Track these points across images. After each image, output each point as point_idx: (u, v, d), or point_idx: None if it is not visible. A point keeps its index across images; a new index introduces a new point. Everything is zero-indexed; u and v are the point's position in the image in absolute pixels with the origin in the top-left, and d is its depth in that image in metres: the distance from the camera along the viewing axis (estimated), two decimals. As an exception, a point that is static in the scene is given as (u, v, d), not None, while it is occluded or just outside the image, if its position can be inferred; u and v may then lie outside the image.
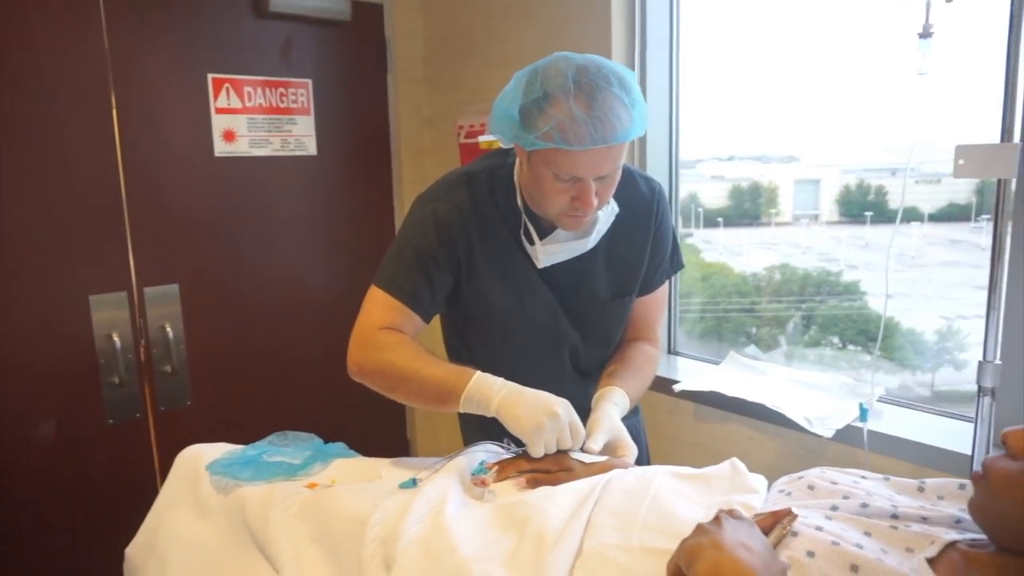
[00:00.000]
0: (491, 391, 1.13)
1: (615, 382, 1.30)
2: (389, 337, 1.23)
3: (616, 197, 1.23)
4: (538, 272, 1.28)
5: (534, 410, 1.09)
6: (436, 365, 1.19)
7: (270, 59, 2.19)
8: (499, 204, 1.26)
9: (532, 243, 1.24)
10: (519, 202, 1.25)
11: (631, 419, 1.50)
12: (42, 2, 1.80)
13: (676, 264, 1.42)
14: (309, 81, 2.26)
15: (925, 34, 1.19)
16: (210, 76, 2.07)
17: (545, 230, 1.25)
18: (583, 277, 1.30)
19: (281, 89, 2.21)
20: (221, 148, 2.11)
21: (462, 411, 1.16)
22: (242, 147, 2.15)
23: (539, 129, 1.06)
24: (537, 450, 1.10)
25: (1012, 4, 1.14)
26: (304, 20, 2.22)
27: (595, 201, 1.13)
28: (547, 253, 1.23)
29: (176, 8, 2.01)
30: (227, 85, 2.10)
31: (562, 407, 1.11)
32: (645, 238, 1.33)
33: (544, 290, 1.29)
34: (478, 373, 1.16)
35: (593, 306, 1.33)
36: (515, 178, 1.26)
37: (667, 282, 1.43)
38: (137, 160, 1.97)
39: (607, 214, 1.24)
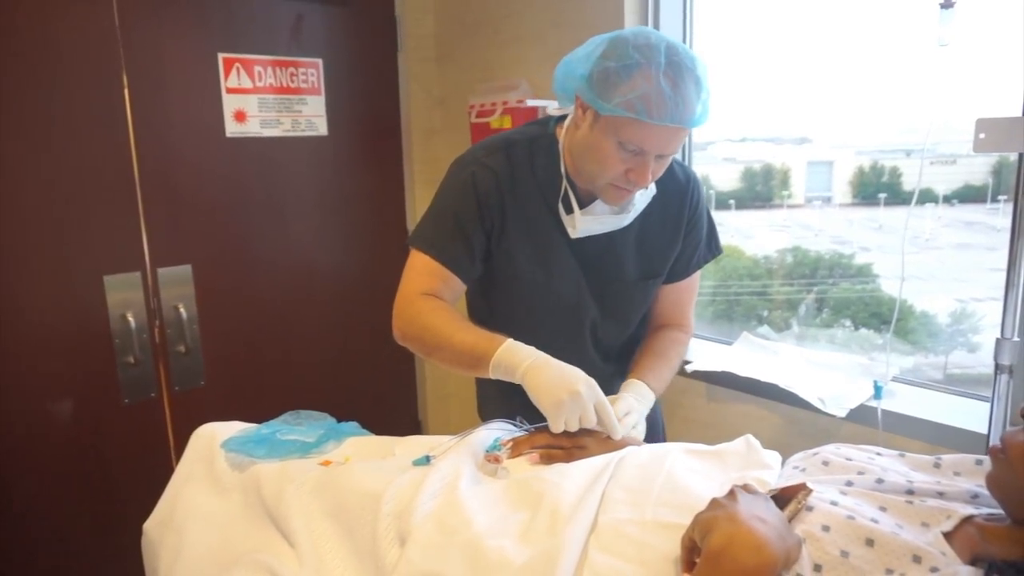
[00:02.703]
0: (519, 358, 1.13)
1: (638, 375, 1.30)
2: (426, 303, 1.25)
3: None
4: (569, 245, 1.28)
5: (556, 385, 1.08)
6: (468, 331, 1.20)
7: (280, 38, 2.18)
8: (536, 172, 1.27)
9: (570, 212, 1.24)
10: (562, 169, 1.25)
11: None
12: (53, -20, 1.79)
13: (714, 249, 1.44)
14: (319, 61, 2.25)
15: (947, 4, 1.16)
16: (220, 55, 2.06)
17: (583, 201, 1.25)
18: (612, 255, 1.30)
19: (291, 69, 2.20)
20: (232, 128, 2.11)
21: (492, 376, 1.16)
22: (253, 127, 2.15)
23: (622, 95, 1.07)
24: (557, 426, 1.08)
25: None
26: (314, -1, 2.21)
27: (649, 177, 1.14)
28: (584, 223, 1.23)
29: (186, -14, 2.00)
30: (237, 64, 2.09)
31: (585, 385, 1.09)
32: (678, 223, 1.34)
33: (571, 263, 1.30)
34: (509, 340, 1.16)
35: (619, 285, 1.33)
36: (559, 145, 1.26)
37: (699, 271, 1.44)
38: (149, 140, 1.97)
39: (645, 194, 1.24)
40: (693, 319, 1.49)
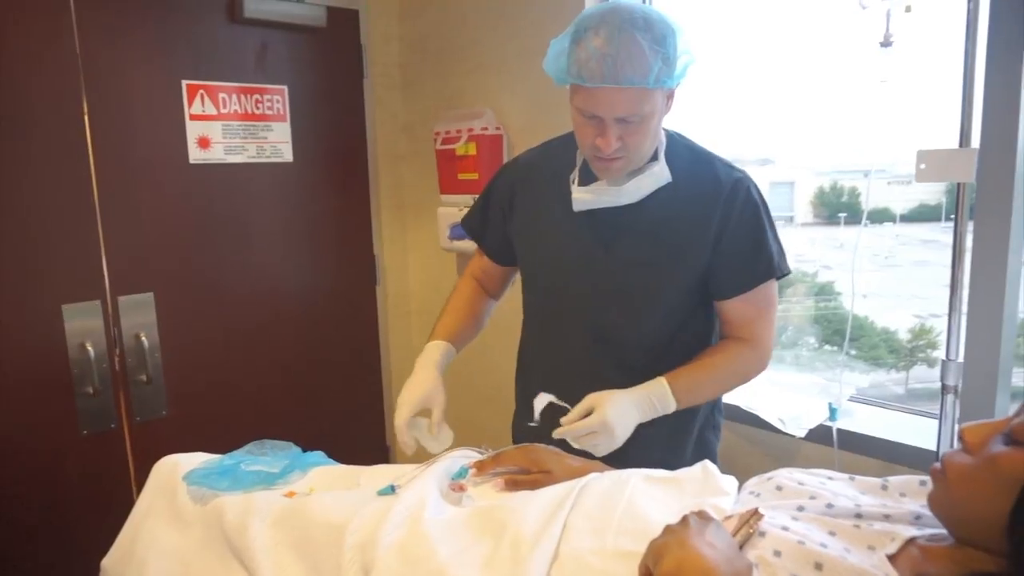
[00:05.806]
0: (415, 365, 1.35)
1: (666, 374, 1.23)
2: (459, 283, 1.52)
3: (683, 172, 1.23)
4: (573, 224, 1.28)
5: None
6: (442, 321, 1.43)
7: (245, 65, 2.18)
8: (558, 159, 1.33)
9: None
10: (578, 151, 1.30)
11: (705, 432, 1.39)
12: (11, 3, 1.77)
13: (774, 269, 1.25)
14: (285, 87, 2.26)
15: (886, 43, 1.22)
16: (184, 82, 2.06)
17: (593, 179, 1.27)
18: (621, 233, 1.27)
19: (256, 95, 2.20)
20: (196, 155, 2.10)
21: None
22: (217, 154, 2.14)
23: (570, 65, 1.11)
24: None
25: (968, 14, 1.18)
26: (279, 26, 2.21)
27: (615, 143, 1.13)
28: (581, 196, 1.24)
29: (149, 12, 1.99)
30: (201, 91, 2.09)
31: (396, 413, 1.29)
32: (705, 224, 1.23)
33: (567, 247, 1.30)
34: (431, 343, 1.37)
35: (623, 265, 1.27)
36: None
37: (771, 286, 1.27)
38: (110, 167, 1.96)
39: (653, 177, 1.21)
40: (767, 336, 1.29)
